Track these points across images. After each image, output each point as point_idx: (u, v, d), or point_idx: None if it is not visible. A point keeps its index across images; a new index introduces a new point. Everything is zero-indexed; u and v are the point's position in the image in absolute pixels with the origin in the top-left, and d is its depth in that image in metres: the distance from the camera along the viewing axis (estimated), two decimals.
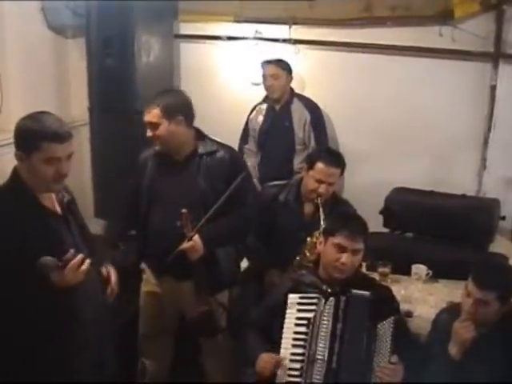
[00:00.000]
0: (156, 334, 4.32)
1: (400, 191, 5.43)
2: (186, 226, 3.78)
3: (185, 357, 4.46)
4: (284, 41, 5.93)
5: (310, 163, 4.43)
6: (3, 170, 3.14)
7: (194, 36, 6.33)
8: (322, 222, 4.20)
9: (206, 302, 3.99)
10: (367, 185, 5.81)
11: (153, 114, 3.85)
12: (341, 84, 5.87)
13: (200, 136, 4.06)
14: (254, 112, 5.95)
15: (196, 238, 3.81)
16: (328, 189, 4.36)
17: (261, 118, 5.89)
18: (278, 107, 5.84)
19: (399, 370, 3.31)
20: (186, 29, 6.35)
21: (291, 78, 5.79)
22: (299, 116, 5.76)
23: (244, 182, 3.92)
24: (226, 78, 6.29)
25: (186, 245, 3.81)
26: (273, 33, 5.97)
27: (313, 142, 5.70)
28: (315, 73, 5.95)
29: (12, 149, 3.01)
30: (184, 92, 4.11)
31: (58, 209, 3.14)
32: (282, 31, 5.92)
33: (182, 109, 3.92)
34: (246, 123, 5.98)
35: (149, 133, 3.90)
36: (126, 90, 5.90)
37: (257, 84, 5.85)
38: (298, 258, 4.31)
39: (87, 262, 2.92)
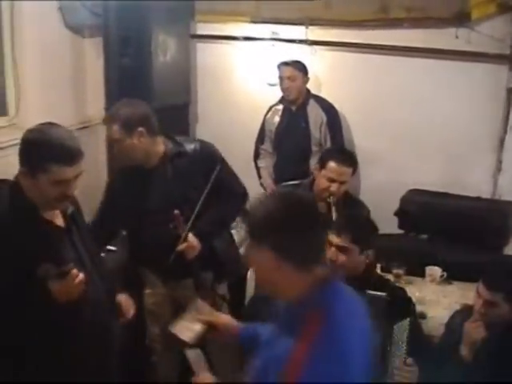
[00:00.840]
0: (164, 332, 4.34)
1: (415, 193, 5.43)
2: (180, 227, 3.80)
3: None
4: (300, 42, 5.93)
5: (322, 162, 4.45)
6: None
7: (210, 36, 6.34)
8: (334, 219, 4.23)
9: (207, 295, 3.99)
10: (382, 186, 5.81)
11: (114, 131, 3.82)
12: (357, 85, 5.88)
13: (167, 139, 4.03)
14: (270, 113, 5.95)
15: (190, 236, 3.84)
16: (340, 188, 4.37)
17: (277, 119, 5.89)
18: (294, 108, 5.84)
19: (414, 371, 3.31)
20: (202, 29, 6.37)
21: (307, 79, 5.79)
22: (315, 117, 5.76)
23: (221, 171, 3.92)
24: (242, 78, 6.30)
25: (181, 246, 3.83)
26: (289, 33, 5.97)
27: (329, 143, 5.70)
28: (331, 73, 5.96)
29: None
30: (139, 102, 4.02)
31: (61, 222, 3.03)
32: (298, 32, 5.92)
33: (140, 120, 3.84)
34: (263, 123, 5.98)
35: (115, 150, 3.90)
36: (143, 89, 5.89)
37: (273, 85, 5.85)
38: None
39: (81, 275, 2.82)
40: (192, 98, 6.48)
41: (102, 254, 4.01)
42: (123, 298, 3.39)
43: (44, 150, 2.78)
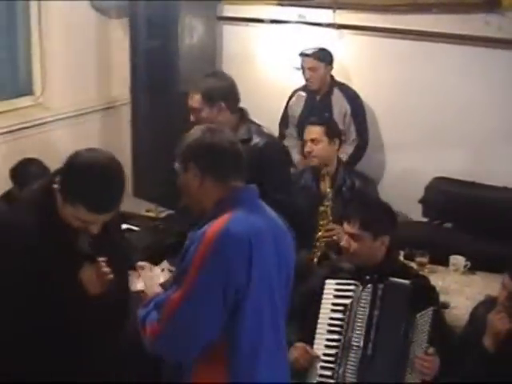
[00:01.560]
0: None
1: (441, 181, 5.38)
2: None
3: None
4: (328, 25, 5.87)
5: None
6: (48, 145, 3.13)
7: (237, 18, 6.30)
8: (328, 190, 4.46)
9: None
10: (408, 173, 5.75)
11: (195, 100, 3.87)
12: (383, 70, 5.81)
13: (243, 120, 4.02)
14: (294, 99, 5.87)
15: None
16: (312, 147, 4.62)
17: (300, 107, 5.80)
18: (318, 97, 5.75)
19: (436, 361, 3.29)
20: (229, 11, 6.33)
21: (331, 68, 5.68)
22: (339, 107, 5.66)
23: (274, 170, 3.94)
24: (268, 61, 6.25)
25: None
26: (316, 17, 5.91)
27: (353, 134, 5.65)
28: (358, 58, 5.89)
29: (56, 126, 2.95)
30: (227, 76, 4.08)
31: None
32: (325, 15, 5.86)
33: (223, 94, 3.89)
34: (286, 108, 5.91)
35: (192, 118, 3.91)
36: (168, 71, 5.91)
37: (299, 68, 5.78)
38: (319, 233, 4.42)
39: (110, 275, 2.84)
40: None
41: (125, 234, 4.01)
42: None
43: (80, 188, 2.64)
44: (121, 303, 3.00)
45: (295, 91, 5.88)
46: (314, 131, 4.66)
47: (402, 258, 4.43)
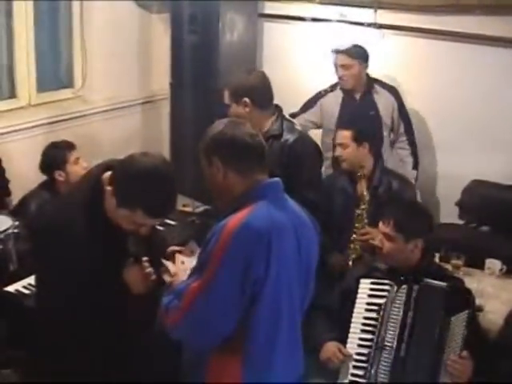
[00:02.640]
0: None
1: (478, 184, 5.33)
2: None
3: None
4: (369, 25, 5.84)
5: None
6: (86, 138, 3.15)
7: (278, 16, 6.30)
8: (364, 193, 4.42)
9: None
10: (445, 175, 5.72)
11: (225, 96, 3.96)
12: (424, 71, 5.77)
13: (276, 117, 4.04)
14: (328, 99, 5.62)
15: None
16: (341, 151, 4.58)
17: (337, 109, 5.54)
18: (357, 96, 5.56)
19: (469, 365, 3.27)
20: (270, 8, 6.33)
21: (366, 66, 5.49)
22: (385, 103, 5.52)
23: (303, 167, 3.96)
24: (308, 60, 6.24)
25: None
26: (357, 16, 5.89)
27: (402, 128, 5.54)
28: (399, 59, 5.85)
29: (95, 119, 2.96)
30: (260, 73, 4.10)
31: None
32: (367, 15, 5.83)
33: (249, 91, 3.91)
34: (315, 102, 5.67)
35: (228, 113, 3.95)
36: (208, 67, 5.93)
37: None
38: (354, 236, 4.43)
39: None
40: None
41: (161, 228, 4.03)
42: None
43: (140, 194, 2.69)
44: (155, 299, 3.04)
45: (326, 91, 5.65)
46: (342, 136, 4.61)
47: (437, 259, 4.40)
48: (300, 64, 6.27)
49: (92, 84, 6.03)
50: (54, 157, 4.58)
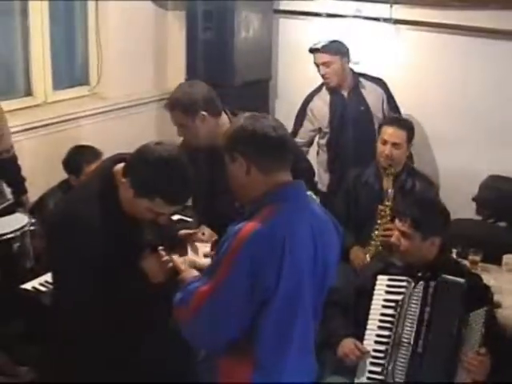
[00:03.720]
0: None
1: (495, 179, 5.31)
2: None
3: None
4: (384, 20, 5.81)
5: (379, 129, 4.69)
6: (102, 135, 3.15)
7: (293, 12, 6.28)
8: (389, 191, 4.43)
9: None
10: (462, 170, 5.68)
11: (175, 116, 3.79)
12: (440, 67, 5.73)
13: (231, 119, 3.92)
14: (315, 103, 5.48)
15: None
16: (393, 151, 4.50)
17: (327, 110, 5.41)
18: (345, 94, 5.42)
19: (487, 362, 3.26)
20: (285, 4, 6.32)
21: (348, 60, 5.37)
22: (374, 97, 5.41)
23: None
24: None
25: None
26: (373, 11, 5.87)
27: None
28: (415, 54, 5.82)
29: (110, 116, 2.97)
30: (200, 84, 3.92)
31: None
32: (382, 10, 5.81)
33: (203, 104, 3.76)
34: (303, 109, 5.53)
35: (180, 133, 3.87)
36: (224, 63, 5.92)
37: (356, 63, 5.72)
38: (376, 232, 4.44)
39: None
40: (273, 74, 6.46)
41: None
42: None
43: (157, 183, 2.73)
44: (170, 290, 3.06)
45: (311, 95, 5.51)
46: (398, 135, 4.54)
47: (454, 255, 4.38)
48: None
49: (108, 81, 6.05)
50: (73, 161, 4.61)
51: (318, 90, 5.51)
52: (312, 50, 5.32)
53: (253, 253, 2.41)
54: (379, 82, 5.51)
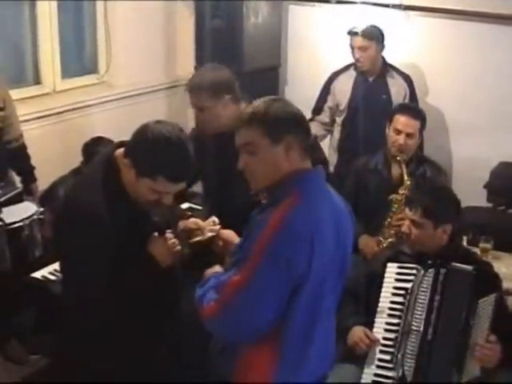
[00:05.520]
0: None
1: (506, 166, 5.29)
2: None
3: None
4: (394, 6, 5.78)
5: (390, 117, 4.58)
6: (111, 123, 3.13)
7: None
8: (405, 178, 4.36)
9: None
10: (473, 158, 5.66)
11: (199, 99, 3.70)
12: (449, 53, 5.70)
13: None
14: (339, 81, 5.60)
15: None
16: (407, 140, 4.45)
17: (349, 89, 5.52)
18: (371, 79, 5.52)
19: (497, 349, 3.25)
20: None
21: (382, 47, 5.43)
22: (398, 88, 5.47)
23: None
24: (332, 42, 6.19)
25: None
26: None
27: None
28: (425, 40, 5.78)
29: (119, 104, 2.96)
30: (224, 67, 3.86)
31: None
32: None
33: (228, 88, 3.72)
34: (324, 93, 5.65)
35: (196, 117, 3.82)
36: (233, 51, 5.91)
37: None
38: (388, 220, 4.39)
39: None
40: (282, 61, 6.44)
41: (189, 213, 4.04)
42: None
43: (159, 160, 2.71)
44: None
45: (337, 73, 5.63)
46: (412, 125, 4.50)
47: (465, 243, 4.37)
48: (325, 46, 6.23)
49: (116, 69, 6.04)
50: (86, 151, 4.63)
51: (344, 70, 5.60)
52: (351, 33, 5.40)
53: (285, 242, 2.38)
54: (406, 77, 5.54)
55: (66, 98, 5.64)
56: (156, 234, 2.96)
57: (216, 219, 3.37)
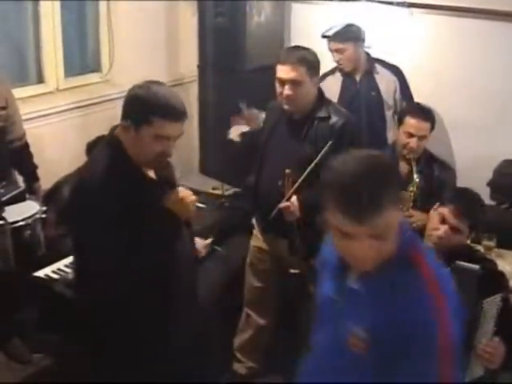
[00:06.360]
0: (262, 287, 4.47)
1: (510, 164, 5.27)
2: (287, 187, 3.81)
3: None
4: (398, 4, 5.76)
5: (400, 118, 4.55)
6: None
7: None
8: (415, 176, 4.37)
9: (297, 264, 4.08)
10: (476, 156, 5.65)
11: (298, 73, 3.85)
12: (453, 50, 5.69)
13: (320, 97, 4.04)
14: (324, 84, 5.23)
15: (293, 199, 3.84)
16: (418, 143, 4.43)
17: (337, 91, 5.38)
18: (358, 77, 5.42)
19: (501, 350, 3.22)
20: None
21: (361, 45, 5.34)
22: (387, 83, 5.41)
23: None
24: None
25: (282, 204, 3.85)
26: None
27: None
28: (428, 37, 5.77)
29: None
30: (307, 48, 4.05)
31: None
32: None
33: (317, 68, 3.94)
34: None
35: (287, 90, 3.89)
36: (236, 49, 5.92)
37: (368, 47, 5.67)
38: None
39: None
40: None
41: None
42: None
43: (150, 103, 2.82)
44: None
45: (323, 76, 5.32)
46: (424, 128, 4.46)
47: (468, 241, 4.35)
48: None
49: (120, 68, 6.03)
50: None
51: (331, 72, 5.50)
52: (324, 37, 5.31)
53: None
54: (394, 69, 5.48)
55: (69, 96, 5.63)
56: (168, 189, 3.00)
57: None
